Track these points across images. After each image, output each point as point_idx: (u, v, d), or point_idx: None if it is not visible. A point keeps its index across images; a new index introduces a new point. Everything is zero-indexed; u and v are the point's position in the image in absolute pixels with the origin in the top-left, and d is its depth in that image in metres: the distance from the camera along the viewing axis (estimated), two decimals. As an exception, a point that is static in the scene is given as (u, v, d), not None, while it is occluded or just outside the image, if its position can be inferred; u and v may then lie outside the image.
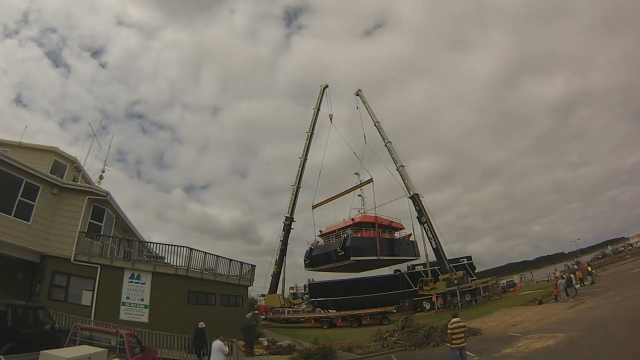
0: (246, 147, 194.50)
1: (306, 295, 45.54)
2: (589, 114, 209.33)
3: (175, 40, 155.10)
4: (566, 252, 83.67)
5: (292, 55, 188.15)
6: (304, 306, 41.56)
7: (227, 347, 10.35)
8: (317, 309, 36.87)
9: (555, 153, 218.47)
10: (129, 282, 14.52)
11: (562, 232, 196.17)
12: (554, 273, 38.11)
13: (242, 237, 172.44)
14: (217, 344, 9.81)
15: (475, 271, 38.65)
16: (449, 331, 9.02)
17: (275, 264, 39.22)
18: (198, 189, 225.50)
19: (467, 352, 9.21)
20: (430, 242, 34.41)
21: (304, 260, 40.25)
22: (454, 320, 8.97)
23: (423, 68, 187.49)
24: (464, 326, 8.89)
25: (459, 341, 8.66)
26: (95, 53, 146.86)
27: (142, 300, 14.40)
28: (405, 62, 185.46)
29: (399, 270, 40.30)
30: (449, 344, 9.10)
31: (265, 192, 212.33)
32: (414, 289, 34.48)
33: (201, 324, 12.59)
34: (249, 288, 21.19)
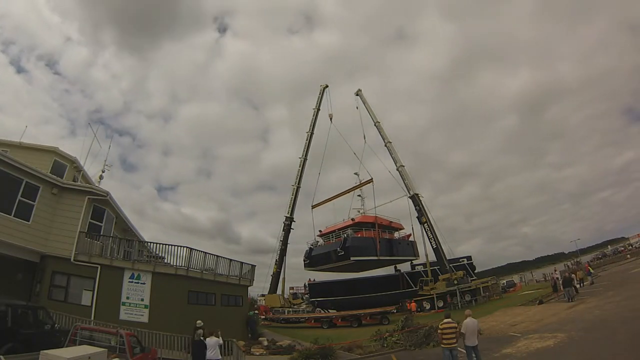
0: (204, 150, 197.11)
1: (306, 295, 45.56)
2: (565, 110, 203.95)
3: (120, 55, 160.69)
4: (566, 252, 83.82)
5: (226, 58, 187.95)
6: (304, 306, 41.57)
7: (220, 339, 10.57)
8: (317, 309, 36.86)
9: (533, 153, 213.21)
10: (129, 282, 14.52)
11: (556, 234, 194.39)
12: (554, 273, 38.11)
13: (220, 236, 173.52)
14: (212, 340, 9.99)
15: (475, 271, 38.67)
16: (439, 331, 9.25)
17: (275, 264, 39.26)
18: (168, 189, 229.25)
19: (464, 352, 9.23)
20: (430, 242, 34.43)
21: (304, 260, 40.25)
22: (445, 320, 9.09)
23: (362, 65, 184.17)
24: (455, 327, 8.96)
25: (450, 341, 8.75)
26: (51, 65, 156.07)
27: (142, 300, 14.40)
28: (340, 59, 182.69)
29: (399, 270, 40.34)
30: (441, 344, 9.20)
31: (233, 192, 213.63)
32: (414, 288, 34.50)
33: (199, 323, 12.43)
34: (249, 288, 21.23)
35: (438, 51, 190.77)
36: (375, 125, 41.43)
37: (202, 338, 10.59)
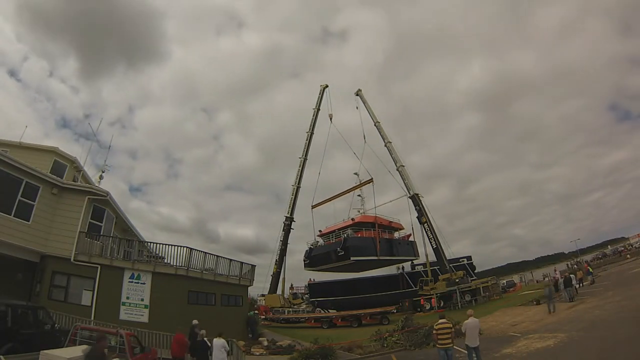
0: (167, 153, 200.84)
1: (306, 295, 45.56)
2: (537, 106, 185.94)
3: (76, 74, 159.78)
4: (566, 252, 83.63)
5: (170, 65, 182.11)
6: (304, 306, 41.56)
7: (228, 345, 10.49)
8: (317, 309, 36.87)
9: (508, 152, 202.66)
10: (129, 282, 14.52)
11: (549, 235, 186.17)
12: (555, 273, 38.13)
13: (200, 235, 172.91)
14: (219, 342, 10.01)
15: (475, 271, 38.67)
16: (434, 332, 9.32)
17: (275, 264, 39.26)
18: (140, 190, 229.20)
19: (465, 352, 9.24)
20: (430, 242, 34.42)
21: (304, 260, 40.24)
22: (440, 321, 9.15)
23: (301, 65, 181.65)
24: (450, 327, 9.00)
25: (445, 342, 8.81)
26: (15, 74, 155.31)
27: (142, 300, 14.41)
28: (274, 61, 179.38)
29: (402, 267, 40.40)
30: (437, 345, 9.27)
31: (203, 193, 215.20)
32: (414, 289, 34.49)
33: (195, 322, 12.52)
34: (249, 288, 21.23)
35: (371, 45, 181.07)
36: (375, 125, 41.42)
37: (205, 339, 10.59)
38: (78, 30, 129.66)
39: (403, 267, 40.42)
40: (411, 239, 41.32)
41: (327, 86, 46.87)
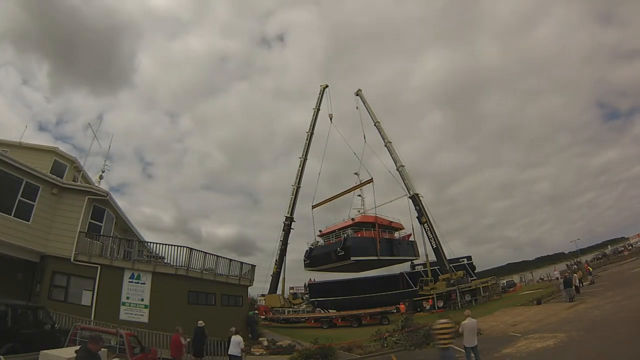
0: (140, 156, 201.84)
1: (306, 295, 45.55)
2: (512, 103, 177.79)
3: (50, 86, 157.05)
4: (566, 252, 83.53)
5: (136, 76, 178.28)
6: (304, 306, 41.56)
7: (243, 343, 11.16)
8: (317, 309, 36.86)
9: (485, 152, 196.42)
10: (129, 282, 14.52)
11: (544, 235, 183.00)
12: (554, 272, 38.14)
13: (183, 234, 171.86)
14: (236, 338, 10.61)
15: (475, 271, 38.68)
16: (434, 331, 9.39)
17: (275, 264, 39.26)
18: (120, 191, 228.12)
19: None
20: (430, 242, 34.42)
21: (304, 260, 40.27)
22: (440, 321, 9.17)
23: (244, 70, 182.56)
24: (450, 327, 9.01)
25: (445, 341, 8.82)
26: None
27: (142, 300, 14.40)
28: (220, 67, 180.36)
29: (414, 265, 40.47)
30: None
31: (180, 193, 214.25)
32: (414, 288, 34.50)
33: (200, 323, 12.62)
34: (249, 288, 21.23)
35: (309, 44, 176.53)
36: (375, 125, 41.42)
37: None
38: (50, 49, 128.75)
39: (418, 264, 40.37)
40: (411, 238, 41.37)
41: (327, 86, 46.84)
